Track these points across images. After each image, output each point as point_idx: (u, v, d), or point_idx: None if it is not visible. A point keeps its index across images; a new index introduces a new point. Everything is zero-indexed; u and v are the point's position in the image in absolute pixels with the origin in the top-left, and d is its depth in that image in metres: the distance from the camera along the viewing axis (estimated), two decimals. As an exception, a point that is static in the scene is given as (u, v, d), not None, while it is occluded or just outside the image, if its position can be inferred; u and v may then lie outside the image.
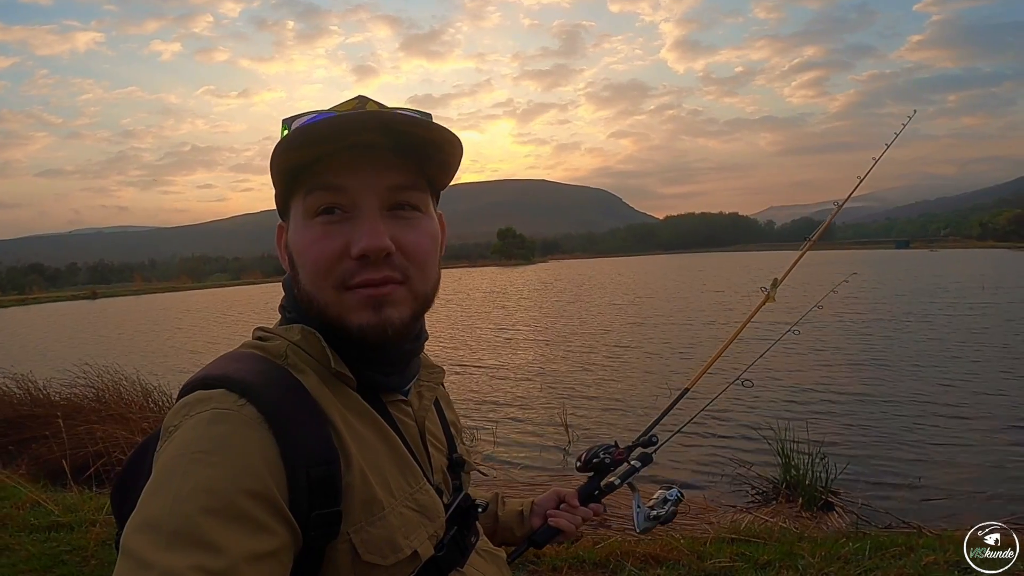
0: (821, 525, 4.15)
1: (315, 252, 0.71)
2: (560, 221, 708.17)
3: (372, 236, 0.69)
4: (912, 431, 6.48)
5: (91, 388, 7.39)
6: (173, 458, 0.59)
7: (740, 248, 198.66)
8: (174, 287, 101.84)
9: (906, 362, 9.99)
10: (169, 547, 0.53)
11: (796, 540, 3.59)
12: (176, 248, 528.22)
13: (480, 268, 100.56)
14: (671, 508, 1.18)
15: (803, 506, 4.33)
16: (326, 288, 0.71)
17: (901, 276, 32.85)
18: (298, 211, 0.73)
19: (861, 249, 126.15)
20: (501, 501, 1.14)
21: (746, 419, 6.97)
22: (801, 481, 4.53)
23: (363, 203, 0.71)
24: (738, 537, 3.70)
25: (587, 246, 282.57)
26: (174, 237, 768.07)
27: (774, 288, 1.44)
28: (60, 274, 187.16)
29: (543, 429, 7.36)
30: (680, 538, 3.77)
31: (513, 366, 11.60)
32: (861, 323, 14.44)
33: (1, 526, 3.80)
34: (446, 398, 0.99)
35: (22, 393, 7.73)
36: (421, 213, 0.75)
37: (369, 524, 0.68)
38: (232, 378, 0.66)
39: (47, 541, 3.56)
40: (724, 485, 5.24)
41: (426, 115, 0.76)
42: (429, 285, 0.76)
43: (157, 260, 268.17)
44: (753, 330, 1.48)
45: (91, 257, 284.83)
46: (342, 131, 0.69)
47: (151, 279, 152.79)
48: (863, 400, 7.81)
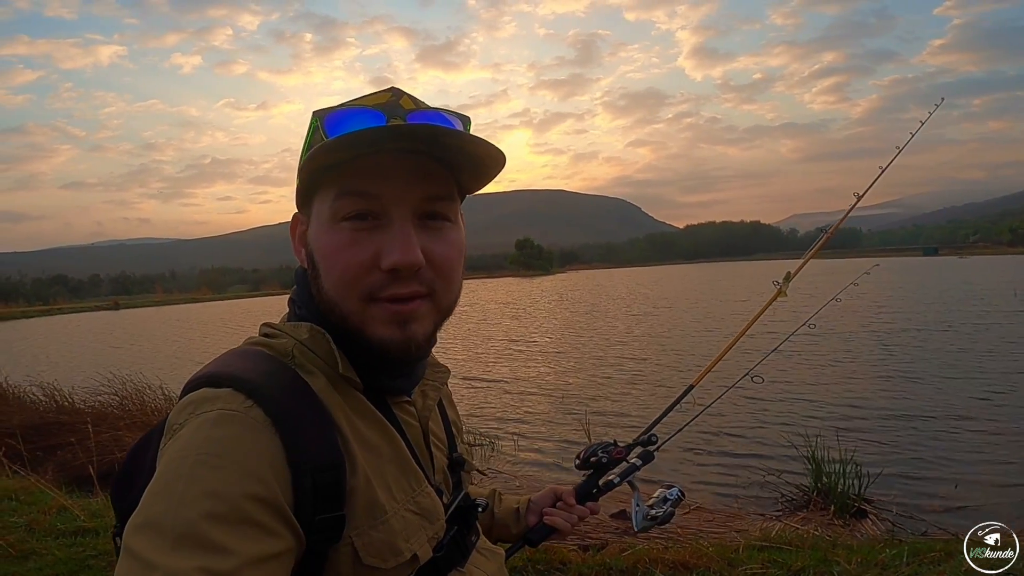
0: (855, 532, 4.05)
1: (343, 260, 0.69)
2: (578, 231, 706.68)
3: (405, 251, 0.67)
4: (943, 438, 6.33)
5: (115, 396, 7.49)
6: (178, 459, 0.59)
7: (763, 257, 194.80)
8: (194, 298, 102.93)
9: (936, 369, 9.75)
10: (174, 549, 0.53)
11: (830, 547, 3.50)
12: (196, 260, 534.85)
13: (498, 279, 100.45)
14: (669, 508, 1.17)
15: (835, 513, 4.22)
16: (351, 298, 0.69)
17: (930, 283, 31.88)
18: (323, 210, 0.71)
19: (888, 256, 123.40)
20: (498, 498, 1.13)
21: (770, 426, 6.87)
22: (833, 488, 4.43)
23: (395, 212, 0.69)
24: (769, 544, 3.62)
25: (606, 256, 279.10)
26: (194, 249, 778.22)
27: (787, 282, 1.40)
28: (83, 285, 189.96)
29: (564, 431, 7.32)
30: (708, 545, 3.70)
31: (533, 377, 11.54)
32: (888, 332, 14.09)
33: (29, 530, 3.81)
34: (448, 397, 0.98)
35: (48, 401, 7.83)
36: (451, 223, 0.74)
37: (371, 528, 0.68)
38: (240, 377, 0.65)
39: (73, 546, 3.56)
40: (751, 493, 5.14)
41: (465, 118, 0.75)
42: (452, 297, 0.75)
43: (177, 272, 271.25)
44: (770, 329, 1.44)
45: (113, 269, 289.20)
46: (390, 140, 0.67)
47: (172, 290, 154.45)
48: (892, 407, 7.65)
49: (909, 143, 1.69)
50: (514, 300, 38.36)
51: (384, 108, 0.71)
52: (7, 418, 7.21)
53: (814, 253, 1.55)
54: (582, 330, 18.84)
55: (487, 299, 39.50)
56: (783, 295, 1.40)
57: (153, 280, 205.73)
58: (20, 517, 4.00)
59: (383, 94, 0.73)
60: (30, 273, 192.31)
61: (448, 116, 0.74)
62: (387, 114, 0.70)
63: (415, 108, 0.72)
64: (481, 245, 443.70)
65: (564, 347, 15.01)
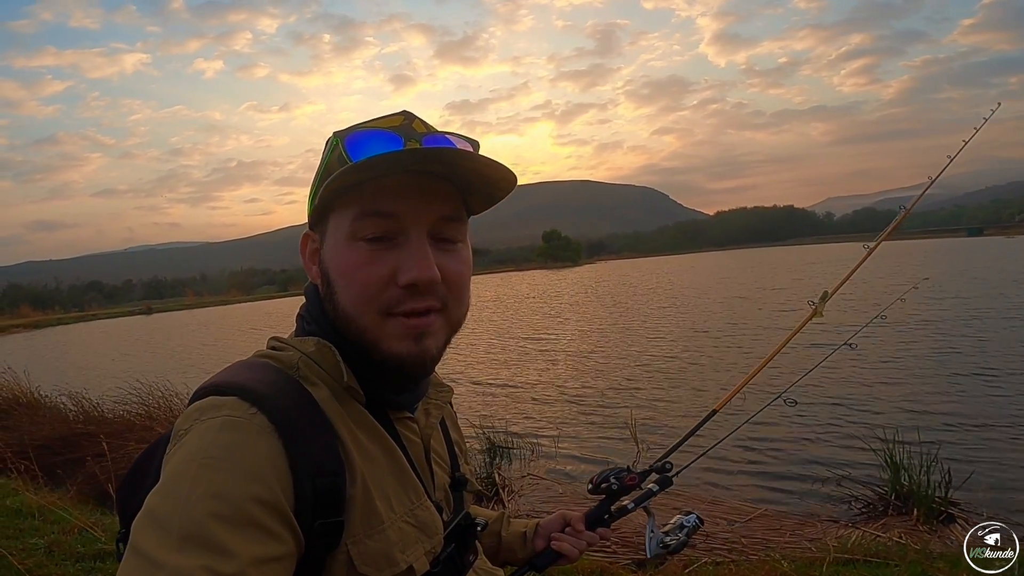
0: (945, 540, 3.65)
1: (362, 277, 0.71)
2: (605, 221, 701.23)
3: (423, 267, 0.70)
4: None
5: (143, 405, 7.33)
6: (184, 462, 0.60)
7: (798, 242, 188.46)
8: (224, 300, 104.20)
9: (1009, 365, 8.78)
10: (179, 548, 0.54)
11: (925, 558, 3.12)
12: (225, 262, 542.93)
13: (525, 272, 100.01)
14: (684, 537, 1.15)
15: (919, 519, 3.83)
16: (369, 313, 0.71)
17: (981, 266, 28.78)
18: (341, 229, 0.73)
19: (930, 239, 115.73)
20: (507, 521, 1.13)
21: (832, 423, 6.45)
22: (915, 491, 4.02)
23: (412, 231, 0.71)
24: (853, 557, 3.25)
25: (634, 245, 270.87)
26: (223, 251, 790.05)
27: (823, 302, 1.31)
28: (117, 291, 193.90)
29: (610, 434, 7.00)
30: (782, 559, 3.34)
31: (566, 380, 11.15)
32: (946, 320, 13.02)
33: (48, 553, 3.63)
34: (452, 417, 0.99)
35: (76, 410, 7.73)
36: (462, 243, 0.77)
37: (368, 537, 0.69)
38: (245, 386, 0.67)
39: (92, 571, 3.38)
40: (818, 497, 4.74)
41: (475, 142, 0.78)
42: (462, 312, 0.78)
43: (208, 274, 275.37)
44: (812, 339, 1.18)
45: (145, 273, 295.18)
46: (414, 162, 0.70)
47: (202, 293, 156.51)
48: (964, 403, 7.00)
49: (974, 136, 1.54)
50: (539, 294, 37.95)
51: (399, 131, 0.73)
52: (37, 428, 7.14)
53: (856, 269, 1.40)
54: (616, 327, 18.39)
55: (516, 294, 39.08)
56: (819, 315, 1.31)
57: (184, 284, 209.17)
58: (41, 538, 3.86)
59: (396, 117, 0.75)
60: (66, 280, 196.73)
61: (459, 140, 0.76)
62: (403, 136, 0.73)
63: (427, 132, 0.74)
64: (507, 239, 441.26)
65: (601, 346, 14.51)
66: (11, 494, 4.84)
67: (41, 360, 22.62)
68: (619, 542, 3.77)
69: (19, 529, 4.03)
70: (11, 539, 3.81)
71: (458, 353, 13.53)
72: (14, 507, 4.45)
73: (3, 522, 4.15)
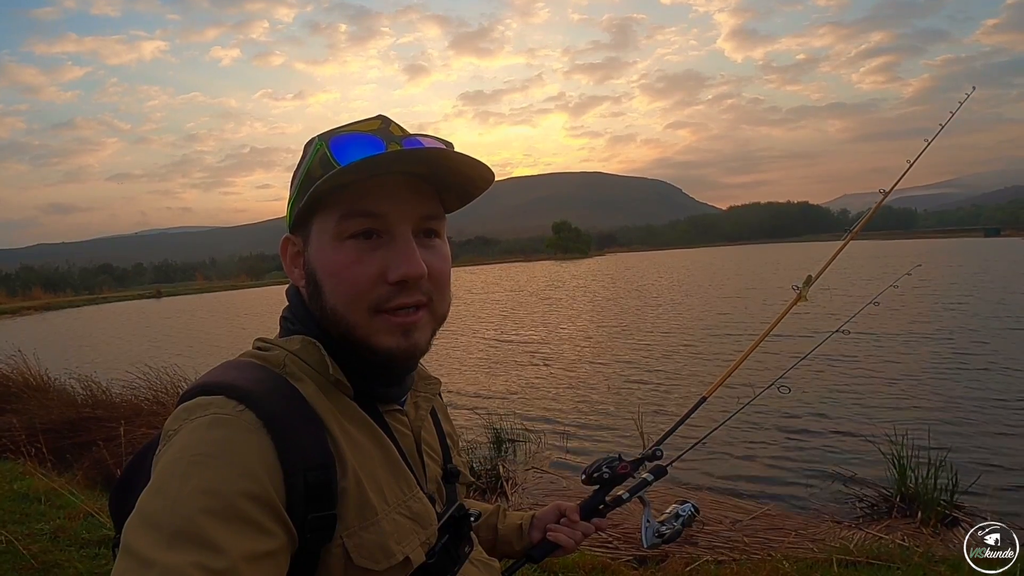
0: (947, 543, 3.62)
1: (351, 275, 0.72)
2: (617, 214, 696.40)
3: (412, 263, 0.72)
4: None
5: (151, 390, 7.36)
6: (173, 461, 0.61)
7: (811, 238, 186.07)
8: (233, 285, 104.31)
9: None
10: (170, 546, 0.54)
11: (927, 561, 3.10)
12: (235, 247, 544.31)
13: (535, 263, 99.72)
14: (679, 526, 1.15)
15: (923, 521, 3.80)
16: (359, 310, 0.73)
17: (1000, 269, 27.38)
18: (326, 231, 0.74)
19: (946, 238, 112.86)
20: (503, 514, 1.13)
21: (847, 423, 6.39)
22: (921, 493, 3.99)
23: (398, 230, 0.74)
24: (855, 559, 3.23)
25: (646, 238, 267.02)
26: (233, 236, 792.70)
27: (807, 286, 1.33)
28: (128, 274, 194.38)
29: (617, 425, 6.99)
30: (784, 559, 3.33)
31: (573, 372, 11.17)
32: (957, 320, 12.95)
33: (53, 539, 3.68)
34: (443, 409, 1.00)
35: (85, 394, 7.76)
36: (441, 240, 0.80)
37: (362, 529, 0.69)
38: (232, 385, 0.68)
39: (96, 558, 3.41)
40: (822, 497, 4.70)
41: (448, 144, 0.79)
42: (446, 306, 0.80)
43: (217, 259, 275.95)
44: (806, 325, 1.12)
45: (156, 257, 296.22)
46: (399, 164, 0.73)
47: (212, 277, 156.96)
48: (980, 405, 6.88)
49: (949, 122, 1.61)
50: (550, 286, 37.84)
51: (379, 134, 0.75)
52: (46, 412, 7.17)
53: (839, 252, 1.46)
54: (626, 316, 18.35)
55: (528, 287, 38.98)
56: (804, 299, 1.33)
57: (194, 268, 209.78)
58: (47, 523, 3.90)
59: (373, 121, 0.77)
60: (78, 263, 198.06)
61: (435, 141, 0.78)
62: (383, 139, 0.74)
63: (404, 135, 0.76)
64: (516, 229, 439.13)
65: (612, 334, 14.50)
66: (19, 477, 4.88)
67: (53, 343, 22.78)
68: (621, 538, 3.77)
69: (25, 514, 4.07)
70: (17, 524, 3.86)
71: (457, 351, 13.53)
72: (21, 491, 4.49)
73: (10, 507, 4.20)
